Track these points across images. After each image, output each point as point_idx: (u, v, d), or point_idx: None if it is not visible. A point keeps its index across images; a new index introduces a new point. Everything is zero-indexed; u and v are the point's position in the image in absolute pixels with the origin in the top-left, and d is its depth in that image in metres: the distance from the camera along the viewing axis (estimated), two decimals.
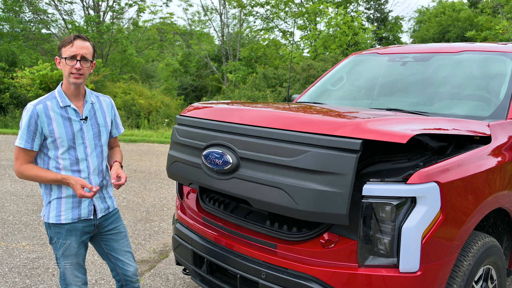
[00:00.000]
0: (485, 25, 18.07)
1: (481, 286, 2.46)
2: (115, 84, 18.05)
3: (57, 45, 22.31)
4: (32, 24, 22.25)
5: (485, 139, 2.63)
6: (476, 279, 2.39)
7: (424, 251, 2.03)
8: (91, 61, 2.38)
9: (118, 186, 2.46)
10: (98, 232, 2.58)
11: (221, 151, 2.42)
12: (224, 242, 2.62)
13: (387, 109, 3.33)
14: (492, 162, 2.53)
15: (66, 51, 2.32)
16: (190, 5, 42.92)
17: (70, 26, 21.40)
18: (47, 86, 14.76)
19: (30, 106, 2.33)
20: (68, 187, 2.39)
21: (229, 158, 2.38)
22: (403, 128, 2.15)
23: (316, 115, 2.48)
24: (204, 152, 2.53)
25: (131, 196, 6.37)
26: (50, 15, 22.19)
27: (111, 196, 2.64)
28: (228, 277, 2.70)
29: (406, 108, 3.25)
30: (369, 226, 2.07)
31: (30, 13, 21.82)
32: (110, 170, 2.59)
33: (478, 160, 2.44)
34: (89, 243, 2.61)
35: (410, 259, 2.02)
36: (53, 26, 22.88)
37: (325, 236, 2.21)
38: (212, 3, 31.95)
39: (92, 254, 4.24)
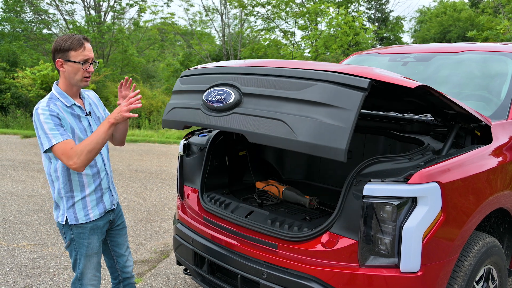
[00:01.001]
0: (486, 25, 18.04)
1: (482, 286, 2.46)
2: (116, 84, 18.03)
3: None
4: (33, 24, 22.29)
5: (486, 139, 2.63)
6: (477, 279, 2.39)
7: (425, 251, 2.03)
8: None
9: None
10: (110, 227, 2.63)
11: (224, 88, 2.37)
12: (225, 242, 2.63)
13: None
14: (493, 162, 2.53)
15: (78, 55, 2.27)
16: (191, 5, 42.91)
17: (71, 26, 21.42)
18: (48, 86, 14.76)
19: (43, 107, 2.24)
20: (90, 182, 2.40)
21: (232, 94, 2.32)
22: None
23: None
24: (206, 92, 2.47)
25: (132, 196, 6.37)
26: (51, 15, 22.22)
27: (115, 188, 2.67)
28: (229, 277, 2.70)
29: None
30: (370, 226, 2.07)
31: (31, 13, 21.86)
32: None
33: (479, 160, 2.44)
34: None
35: (411, 259, 2.02)
36: (54, 26, 22.90)
37: (326, 236, 2.21)
38: (213, 3, 31.91)
39: None
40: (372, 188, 2.06)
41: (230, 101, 2.31)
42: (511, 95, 3.01)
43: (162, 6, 45.72)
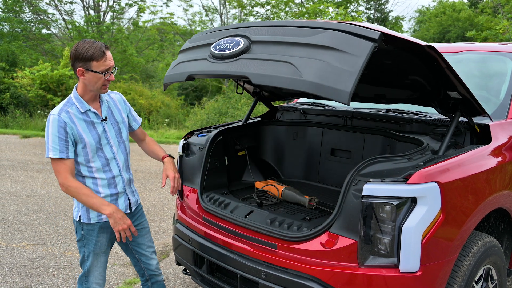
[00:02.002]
0: (485, 25, 18.04)
1: (481, 286, 2.46)
2: (115, 84, 18.02)
3: (58, 45, 22.38)
4: (32, 24, 22.25)
5: (486, 139, 2.63)
6: (476, 279, 2.39)
7: (424, 251, 2.03)
8: None
9: (173, 191, 2.71)
10: None
11: (234, 38, 2.35)
12: (224, 242, 2.62)
13: (386, 109, 3.33)
14: (493, 162, 2.53)
15: (100, 65, 2.29)
16: (191, 6, 42.94)
17: (70, 26, 21.40)
18: (47, 86, 14.76)
19: (54, 116, 2.30)
20: (105, 187, 2.46)
21: (241, 41, 2.29)
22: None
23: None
24: (215, 43, 2.43)
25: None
26: (50, 15, 22.17)
27: (136, 190, 2.73)
28: (228, 277, 2.70)
29: (406, 108, 3.25)
30: (370, 226, 2.07)
31: (30, 13, 21.82)
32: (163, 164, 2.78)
33: (478, 160, 2.44)
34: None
35: (410, 259, 2.02)
36: (53, 26, 22.86)
37: (325, 236, 2.21)
38: (213, 3, 31.94)
39: None
40: (371, 188, 2.06)
41: (238, 48, 2.28)
42: (510, 95, 3.01)
43: (161, 6, 45.71)
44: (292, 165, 3.67)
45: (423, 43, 2.04)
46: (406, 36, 2.09)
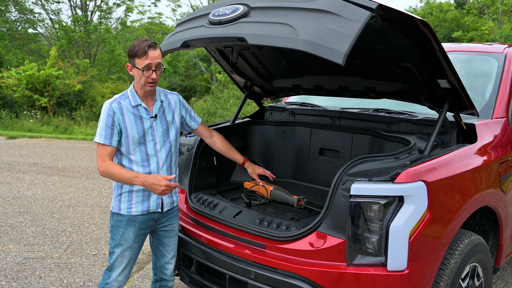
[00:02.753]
0: (472, 26, 18.26)
1: (467, 283, 2.49)
2: (103, 85, 17.85)
3: (44, 45, 22.13)
4: (18, 24, 21.96)
5: (471, 138, 2.67)
6: (462, 276, 2.41)
7: (412, 249, 2.05)
8: (163, 66, 2.47)
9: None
10: (155, 227, 2.66)
11: (233, 5, 2.35)
12: (213, 243, 2.62)
13: (374, 109, 3.36)
14: (478, 161, 2.56)
15: (141, 62, 2.38)
16: (179, 6, 42.67)
17: (57, 26, 21.16)
18: (33, 86, 14.55)
19: (106, 104, 2.45)
20: None
21: (240, 7, 2.29)
22: None
23: None
24: (213, 11, 2.43)
25: None
26: (36, 15, 21.91)
27: (177, 192, 2.75)
28: (217, 278, 2.69)
29: (394, 108, 3.28)
30: (357, 225, 2.08)
31: (16, 12, 21.55)
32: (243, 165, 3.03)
33: (465, 159, 2.47)
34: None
35: (397, 257, 2.04)
36: (40, 26, 22.58)
37: (314, 235, 2.22)
38: (201, 3, 31.86)
39: (79, 256, 4.21)
40: (359, 188, 2.07)
41: (236, 14, 2.28)
42: (495, 95, 3.05)
43: (150, 6, 45.39)
44: (281, 165, 3.68)
45: (418, 18, 2.07)
46: (403, 11, 2.13)
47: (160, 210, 2.59)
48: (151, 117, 2.52)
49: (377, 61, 2.65)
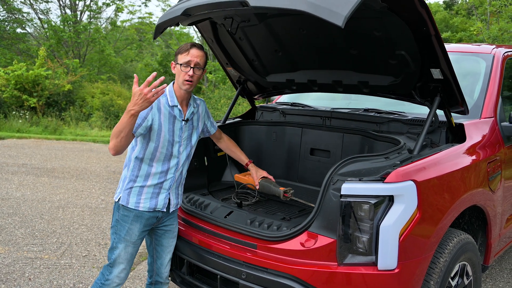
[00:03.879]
0: (460, 27, 18.44)
1: (457, 282, 2.51)
2: (93, 85, 17.72)
3: (33, 44, 21.92)
4: (6, 24, 21.73)
5: (460, 138, 2.69)
6: (452, 275, 2.43)
7: (402, 248, 2.06)
8: (203, 69, 2.53)
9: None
10: (156, 226, 2.66)
11: None
12: (204, 243, 2.62)
13: (364, 109, 3.37)
14: (467, 160, 2.59)
15: (182, 58, 2.48)
16: (169, 6, 42.50)
17: (46, 25, 20.98)
18: (22, 86, 14.41)
19: None
20: (155, 176, 2.53)
21: None
22: None
23: None
24: None
25: (109, 198, 6.28)
26: (25, 14, 21.70)
27: (182, 195, 2.77)
28: (208, 278, 2.69)
29: (384, 108, 3.30)
30: (348, 225, 2.09)
31: (4, 12, 21.32)
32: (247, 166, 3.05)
33: (454, 159, 2.49)
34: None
35: (388, 257, 2.05)
36: (28, 25, 22.37)
37: (305, 235, 2.22)
38: None
39: (70, 258, 4.17)
40: (349, 187, 2.08)
41: None
42: (484, 95, 3.08)
43: (140, 6, 45.20)
44: (272, 165, 3.68)
45: None
46: None
47: (165, 210, 2.60)
48: (183, 120, 2.57)
49: (372, 51, 2.66)
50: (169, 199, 2.61)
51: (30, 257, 4.19)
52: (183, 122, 2.57)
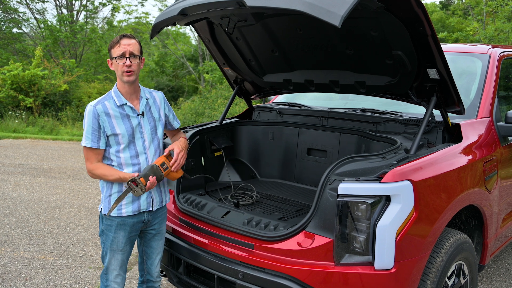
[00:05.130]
0: (457, 27, 18.49)
1: (453, 281, 2.52)
2: (89, 85, 17.67)
3: (29, 44, 21.84)
4: (2, 23, 21.64)
5: (457, 138, 2.70)
6: (448, 274, 2.44)
7: (398, 248, 2.07)
8: (139, 57, 2.46)
9: (176, 166, 2.55)
10: (145, 228, 2.64)
11: None
12: (201, 243, 2.61)
13: (361, 109, 3.38)
14: (464, 160, 2.59)
15: (115, 51, 2.42)
16: (166, 5, 42.39)
17: (42, 25, 20.90)
18: (18, 86, 14.35)
19: (90, 107, 2.42)
20: None
21: None
22: None
23: None
24: None
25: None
26: (21, 14, 21.62)
27: (167, 193, 2.72)
28: (206, 278, 2.69)
29: (380, 108, 3.30)
30: (345, 225, 2.09)
31: (0, 11, 21.24)
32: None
33: (450, 159, 2.50)
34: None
35: (384, 256, 2.05)
36: (24, 25, 22.28)
37: (302, 235, 2.22)
38: None
39: (66, 258, 4.16)
40: (346, 187, 2.08)
41: None
42: (480, 95, 3.09)
43: (136, 6, 45.06)
44: (269, 165, 3.69)
45: None
46: None
47: (150, 209, 2.57)
48: (138, 115, 2.51)
49: (369, 51, 2.67)
50: (152, 198, 2.57)
51: (27, 257, 4.17)
52: (139, 117, 2.51)
